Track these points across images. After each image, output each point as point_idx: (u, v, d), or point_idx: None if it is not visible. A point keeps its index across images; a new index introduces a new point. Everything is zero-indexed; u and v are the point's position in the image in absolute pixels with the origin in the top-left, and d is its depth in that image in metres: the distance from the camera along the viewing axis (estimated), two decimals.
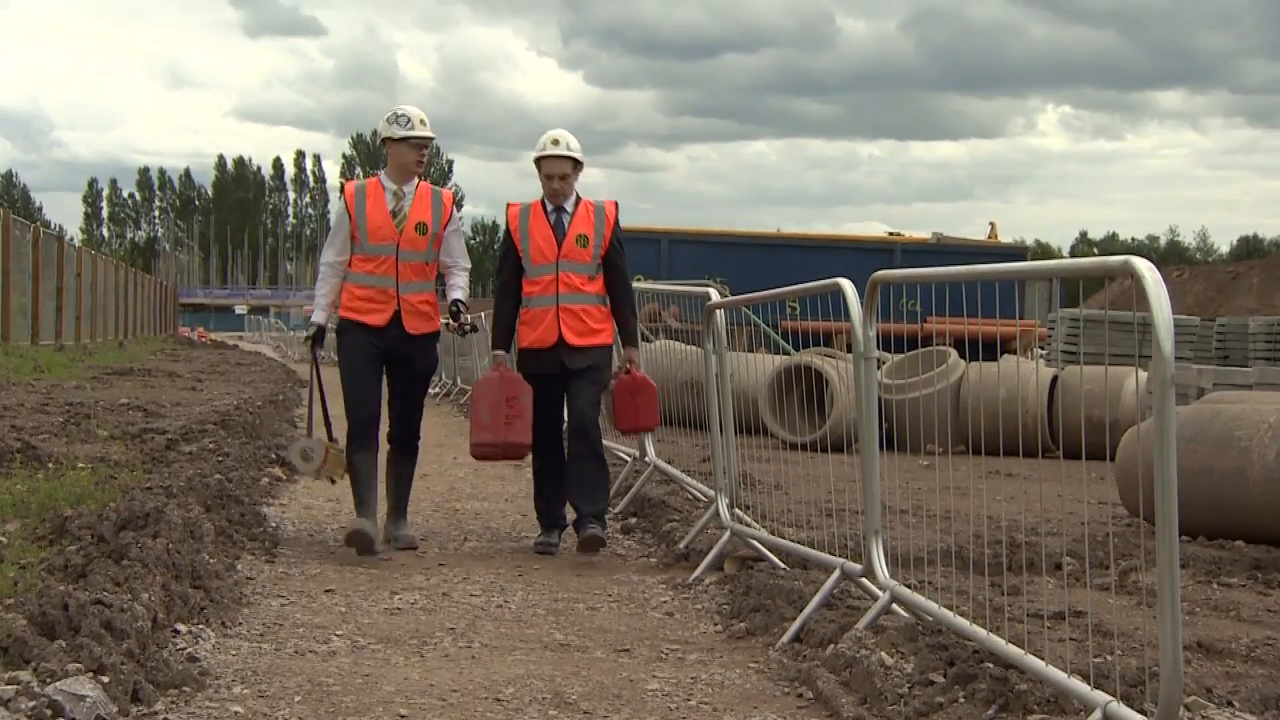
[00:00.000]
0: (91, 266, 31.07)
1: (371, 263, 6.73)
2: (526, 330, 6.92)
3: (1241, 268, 51.21)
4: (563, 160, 6.89)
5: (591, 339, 6.87)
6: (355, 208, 6.78)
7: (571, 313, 6.82)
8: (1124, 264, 3.25)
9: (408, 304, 6.76)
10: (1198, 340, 19.13)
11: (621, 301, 7.01)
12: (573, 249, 6.82)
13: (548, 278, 6.82)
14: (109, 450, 8.86)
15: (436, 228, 6.85)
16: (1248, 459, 7.06)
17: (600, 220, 6.93)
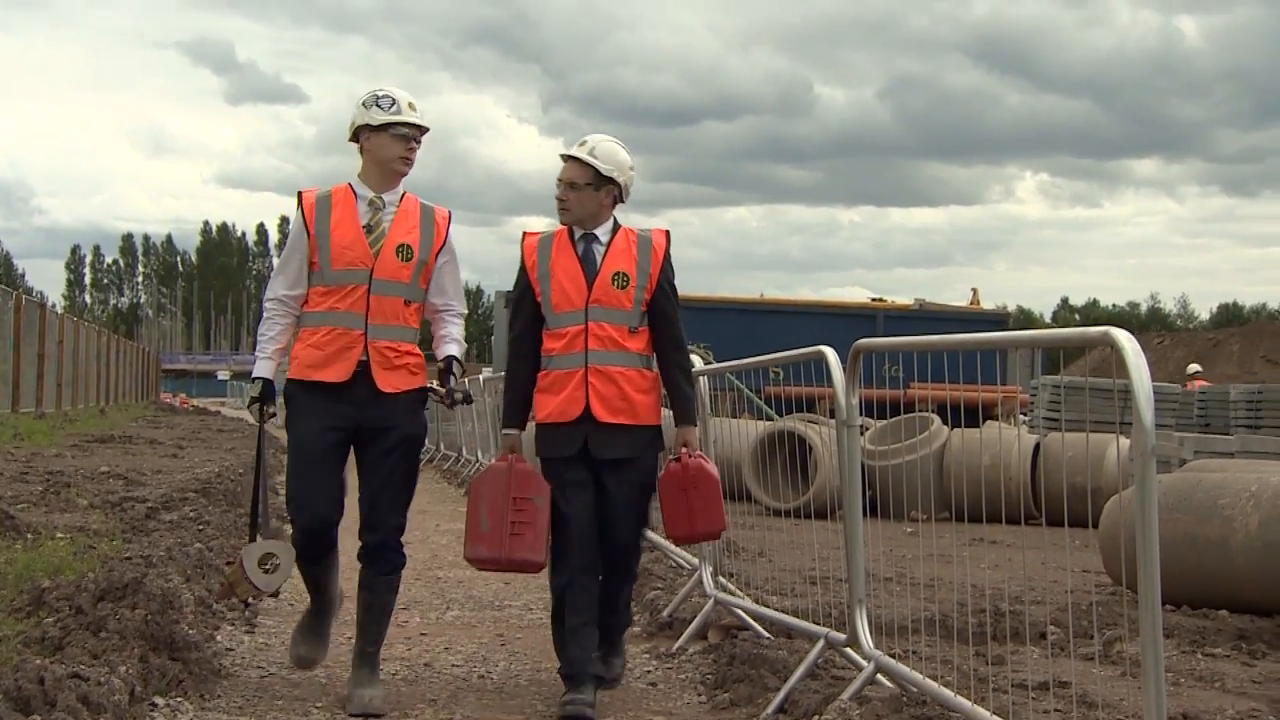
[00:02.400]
0: (73, 333, 30.99)
1: (334, 296, 4.92)
2: (546, 398, 5.02)
3: (1222, 335, 51.55)
4: (578, 166, 5.05)
5: (630, 415, 4.95)
6: (316, 222, 4.97)
7: (605, 377, 4.94)
8: (1104, 335, 3.27)
9: (378, 351, 4.91)
10: (1179, 407, 19.20)
11: (672, 363, 5.10)
12: (607, 291, 4.97)
13: (573, 330, 4.96)
14: (88, 519, 8.79)
15: (425, 254, 5.01)
16: (1230, 528, 7.06)
17: (645, 254, 5.06)
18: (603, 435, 4.94)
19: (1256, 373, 40.72)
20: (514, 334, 5.18)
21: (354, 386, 4.91)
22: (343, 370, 4.90)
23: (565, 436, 4.97)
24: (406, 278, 4.98)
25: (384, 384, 4.93)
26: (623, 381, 4.98)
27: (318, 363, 4.92)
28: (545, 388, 5.05)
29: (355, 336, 4.92)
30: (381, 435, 4.96)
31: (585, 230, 5.07)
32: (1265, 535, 6.91)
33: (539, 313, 5.06)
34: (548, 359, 5.04)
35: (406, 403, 5.00)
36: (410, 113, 5.04)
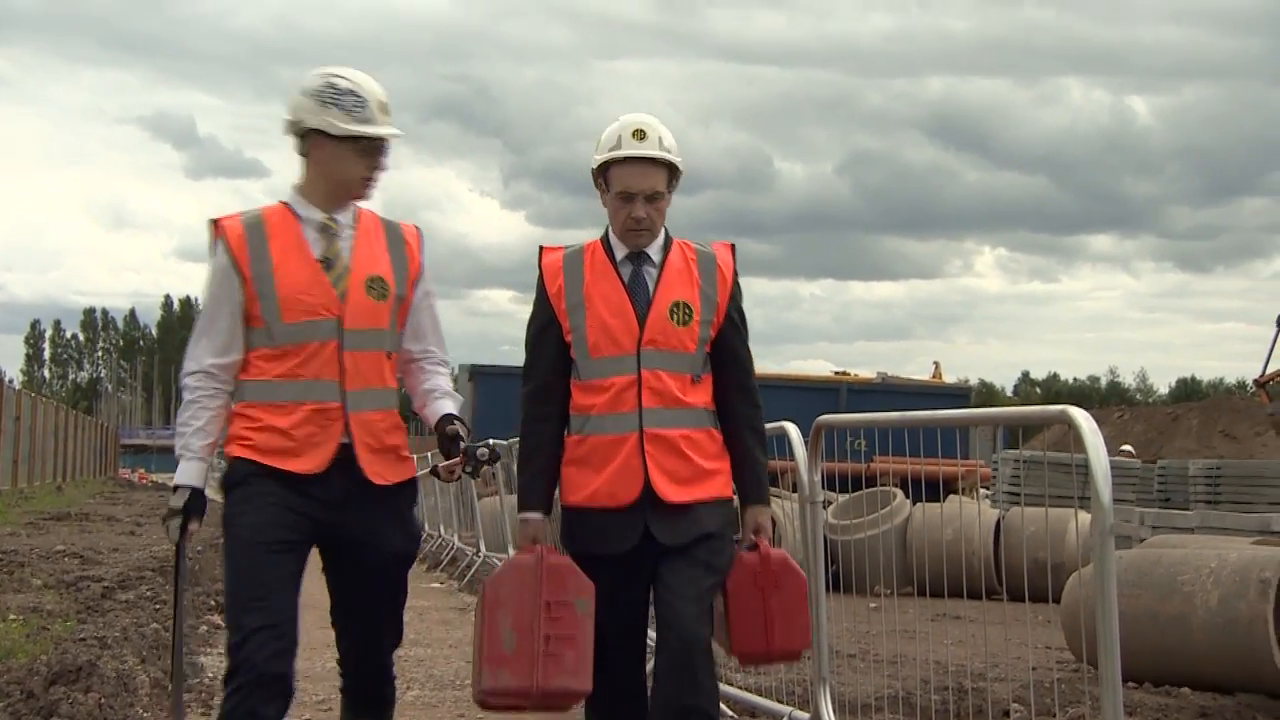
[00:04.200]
0: (31, 409, 30.70)
1: (290, 360, 3.67)
2: (581, 475, 3.79)
3: (1181, 409, 51.98)
4: (652, 166, 3.78)
5: (700, 489, 3.77)
6: (251, 260, 3.67)
7: (666, 445, 3.74)
8: (1061, 413, 3.33)
9: (363, 427, 3.69)
10: (1139, 482, 19.32)
11: (741, 420, 3.87)
12: (665, 328, 3.76)
13: (621, 381, 3.74)
14: (42, 600, 8.65)
15: (402, 287, 3.80)
16: (1191, 605, 7.09)
17: (710, 276, 3.84)
18: (669, 518, 3.71)
19: (1215, 447, 41.03)
20: (531, 386, 3.86)
21: (329, 479, 3.64)
22: (315, 460, 3.64)
23: (616, 526, 3.72)
24: (384, 321, 3.73)
25: (375, 472, 3.68)
26: (688, 448, 3.73)
27: (278, 448, 3.65)
28: (580, 459, 3.77)
29: (332, 413, 3.64)
30: (363, 551, 3.72)
31: (633, 250, 3.81)
32: (1225, 612, 6.93)
33: (567, 357, 3.80)
34: (582, 420, 3.78)
35: (398, 504, 3.78)
36: (382, 119, 3.71)
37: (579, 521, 3.81)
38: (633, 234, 3.77)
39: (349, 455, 3.65)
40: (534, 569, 3.69)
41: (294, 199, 3.76)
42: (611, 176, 3.80)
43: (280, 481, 3.63)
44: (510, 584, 3.73)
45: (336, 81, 3.69)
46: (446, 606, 10.92)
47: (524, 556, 3.74)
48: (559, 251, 3.90)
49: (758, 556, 3.84)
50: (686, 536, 3.72)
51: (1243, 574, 7.01)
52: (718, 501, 3.80)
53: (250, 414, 3.70)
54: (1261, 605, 6.82)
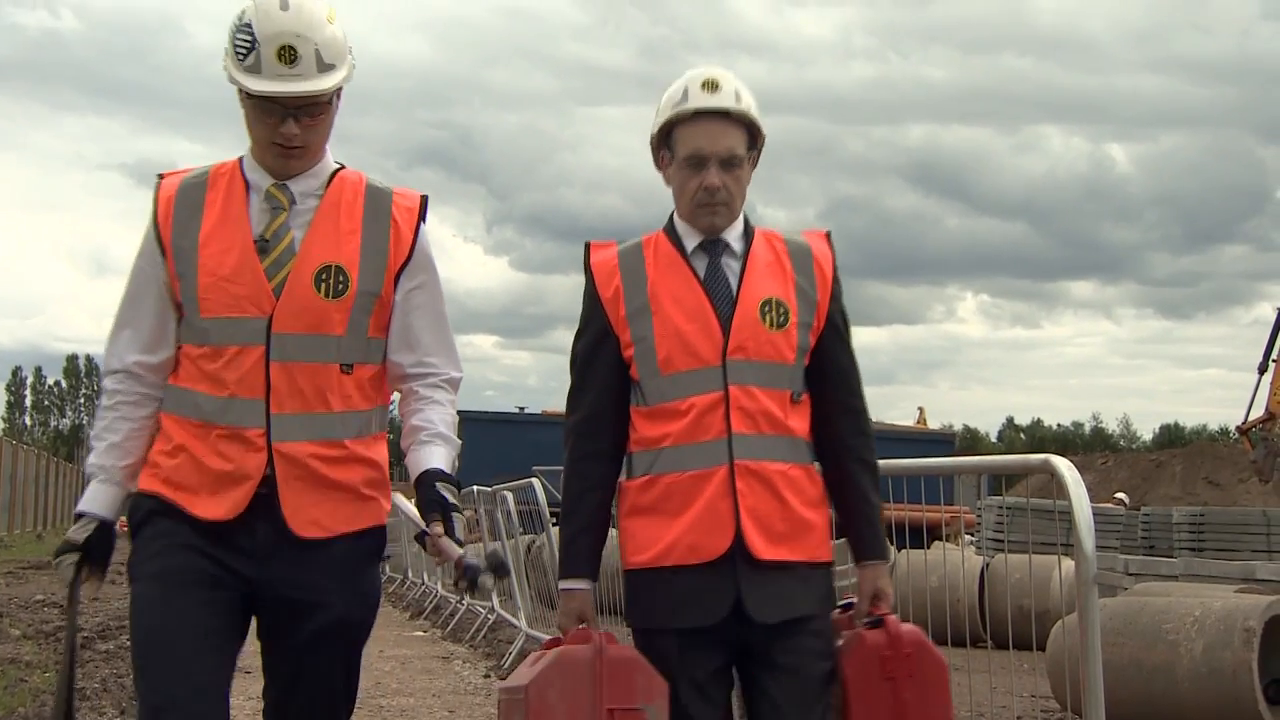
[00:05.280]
0: (11, 457, 30.55)
1: (213, 362, 2.89)
2: (652, 527, 2.98)
3: (1164, 456, 52.16)
4: (727, 123, 3.00)
5: (800, 546, 2.98)
6: (174, 229, 2.93)
7: (760, 481, 2.94)
8: (1044, 462, 3.35)
9: (293, 467, 2.86)
10: (1124, 529, 19.33)
11: (850, 453, 3.09)
12: (756, 332, 2.98)
13: (704, 400, 2.95)
14: (20, 651, 8.59)
15: (373, 281, 2.95)
16: (1175, 653, 7.08)
17: (806, 269, 3.08)
18: (763, 584, 2.90)
19: (1199, 494, 41.15)
20: (579, 416, 3.05)
21: (244, 527, 2.83)
22: (227, 501, 2.83)
23: (699, 591, 2.90)
24: (336, 325, 2.88)
25: (299, 523, 2.84)
26: (786, 489, 2.94)
27: (185, 480, 2.86)
28: (648, 507, 2.96)
29: (252, 441, 2.82)
30: (296, 616, 2.88)
31: (707, 234, 3.04)
32: (1210, 661, 6.93)
33: (625, 378, 3.02)
34: (649, 456, 2.97)
35: (344, 558, 2.91)
36: (281, 68, 2.80)
37: (647, 588, 2.96)
38: (705, 210, 2.98)
39: (268, 500, 2.82)
40: (590, 666, 2.84)
41: (247, 158, 2.96)
42: (677, 139, 3.01)
43: (191, 528, 2.85)
44: (561, 688, 2.84)
45: (245, 9, 2.87)
46: (429, 655, 10.85)
47: (575, 650, 2.87)
48: (611, 247, 3.11)
49: (884, 635, 2.97)
50: (786, 612, 2.91)
51: (1227, 622, 7.01)
52: (819, 566, 3.00)
53: (167, 430, 2.92)
54: (1246, 654, 6.82)
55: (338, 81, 2.87)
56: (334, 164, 3.01)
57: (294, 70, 2.82)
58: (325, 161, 2.98)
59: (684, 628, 2.91)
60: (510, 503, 10.79)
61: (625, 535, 3.04)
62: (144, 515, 2.92)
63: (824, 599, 3.03)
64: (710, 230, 3.03)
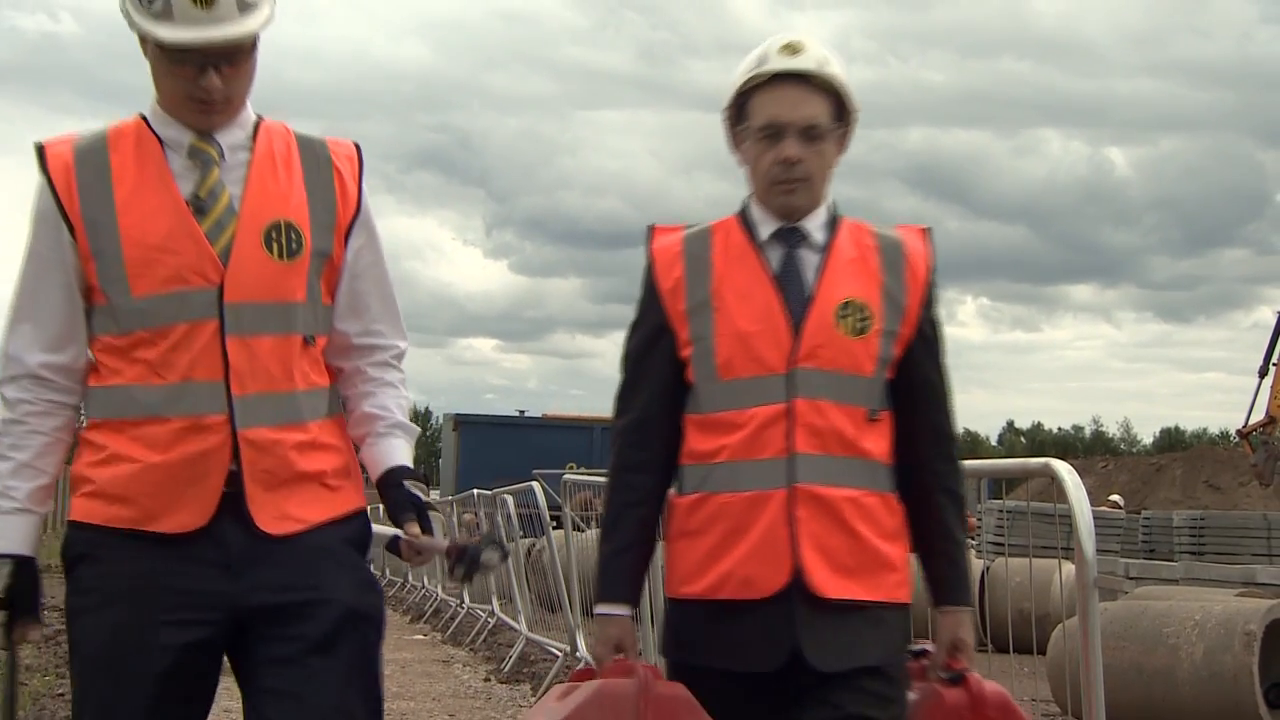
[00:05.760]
0: None
1: (147, 351, 2.47)
2: (700, 553, 2.63)
3: (1164, 459, 52.11)
4: (809, 90, 2.63)
5: (872, 584, 2.60)
6: (82, 199, 2.48)
7: (826, 509, 2.58)
8: (1044, 466, 3.35)
9: (261, 456, 2.48)
10: (1124, 533, 19.34)
11: (936, 480, 2.72)
12: (831, 337, 2.62)
13: (765, 413, 2.60)
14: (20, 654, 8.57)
15: (324, 238, 2.59)
16: (1175, 657, 7.08)
17: (896, 268, 2.71)
18: (825, 626, 2.53)
19: (1199, 498, 41.12)
20: (627, 420, 2.72)
21: (216, 533, 2.44)
22: (194, 507, 2.43)
23: (751, 631, 2.55)
24: (296, 290, 2.52)
25: (268, 519, 2.46)
26: (857, 518, 2.57)
27: (136, 494, 2.44)
28: (697, 529, 2.61)
29: (211, 428, 2.43)
30: (295, 619, 2.45)
31: (785, 221, 2.67)
32: (1211, 665, 6.93)
33: (681, 381, 2.66)
34: (701, 472, 2.63)
35: (330, 545, 2.53)
36: (197, 14, 2.41)
37: (693, 622, 2.62)
38: (781, 188, 2.62)
39: (238, 494, 2.44)
40: (633, 704, 2.48)
41: (154, 112, 2.54)
42: (752, 107, 2.65)
43: (142, 547, 2.42)
44: None
45: None
46: (430, 659, 10.86)
47: (616, 684, 2.51)
48: (677, 232, 2.75)
49: (966, 695, 2.63)
50: (850, 660, 2.53)
51: (1228, 626, 7.01)
52: (896, 608, 2.62)
53: (96, 440, 2.48)
54: (1247, 658, 6.83)
55: (261, 22, 2.48)
56: (254, 114, 2.61)
57: (211, 13, 2.41)
58: (247, 112, 2.58)
59: (734, 668, 2.55)
60: (510, 506, 10.79)
61: (672, 559, 2.66)
62: (78, 551, 2.49)
63: (898, 647, 2.63)
64: (787, 213, 2.65)
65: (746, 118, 2.67)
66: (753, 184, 2.70)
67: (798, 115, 2.61)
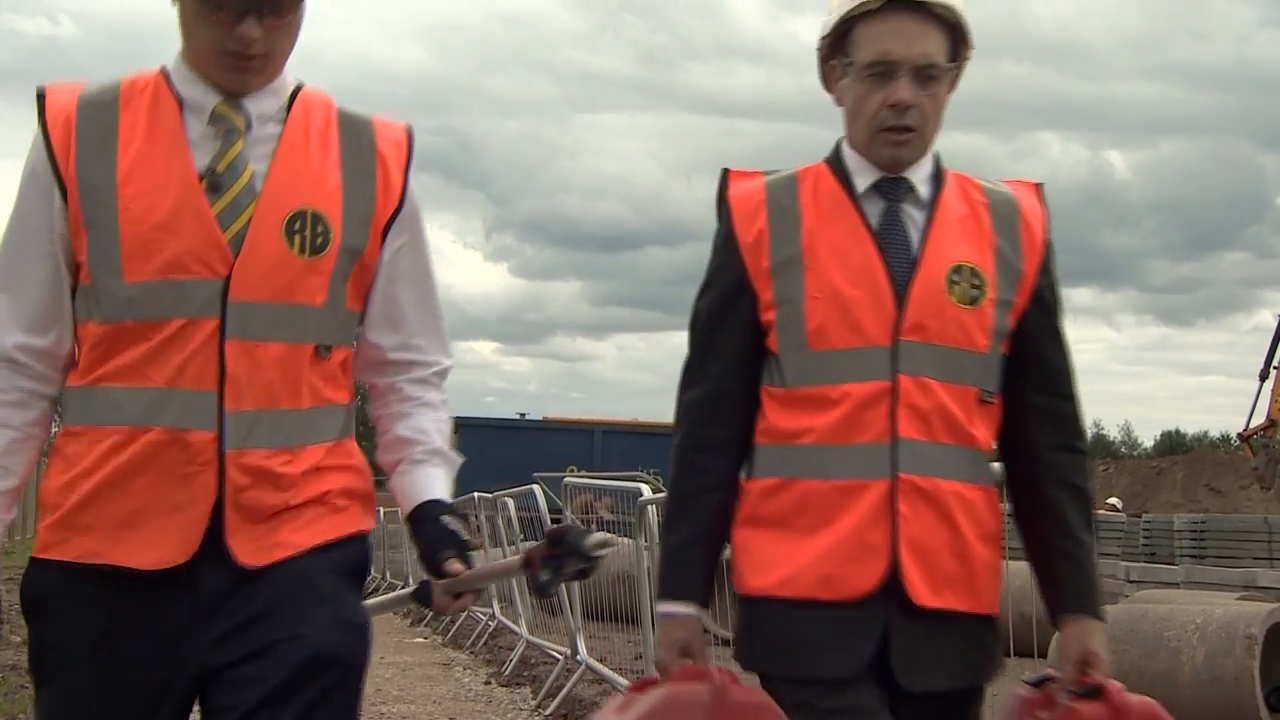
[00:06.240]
0: None
1: (132, 348, 2.08)
2: (777, 545, 2.31)
3: (1165, 463, 52.10)
4: (924, 21, 2.28)
5: (971, 593, 2.31)
6: (80, 157, 2.10)
7: (932, 504, 2.26)
8: None
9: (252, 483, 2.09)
10: (1124, 536, 19.34)
11: (1055, 474, 2.38)
12: (941, 306, 2.29)
13: (864, 390, 2.26)
14: (21, 658, 8.57)
15: (357, 234, 2.19)
16: (1177, 661, 7.08)
17: (1010, 229, 2.38)
18: (918, 638, 2.24)
19: (1200, 501, 41.12)
20: (698, 393, 2.40)
21: (194, 573, 2.07)
22: (170, 541, 2.06)
23: (834, 634, 2.24)
24: (315, 292, 2.15)
25: (251, 552, 2.09)
26: (962, 515, 2.28)
27: (104, 521, 2.08)
28: (774, 518, 2.31)
29: (194, 446, 2.06)
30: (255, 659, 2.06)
31: (887, 171, 2.34)
32: (1212, 669, 6.93)
33: (761, 349, 2.35)
34: (783, 454, 2.31)
35: (310, 573, 2.13)
36: None
37: (763, 621, 2.31)
38: (890, 137, 2.28)
39: (217, 529, 2.07)
40: (707, 712, 2.15)
41: (177, 68, 2.19)
42: (857, 40, 2.30)
43: (107, 594, 2.07)
44: None
45: None
46: (430, 662, 10.86)
47: (688, 690, 2.20)
48: (756, 178, 2.40)
49: (1106, 709, 2.23)
50: (942, 680, 2.26)
51: (1229, 630, 7.01)
52: (987, 622, 2.35)
53: (67, 451, 2.11)
54: (1248, 661, 6.82)
55: None
56: (293, 80, 2.25)
57: None
58: (284, 78, 2.22)
59: (817, 677, 2.23)
60: (511, 509, 10.80)
61: (740, 550, 2.35)
62: (38, 595, 2.15)
63: (990, 668, 2.36)
64: (893, 165, 2.31)
65: (848, 51, 2.31)
66: (851, 128, 2.36)
67: (914, 52, 2.26)
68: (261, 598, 2.09)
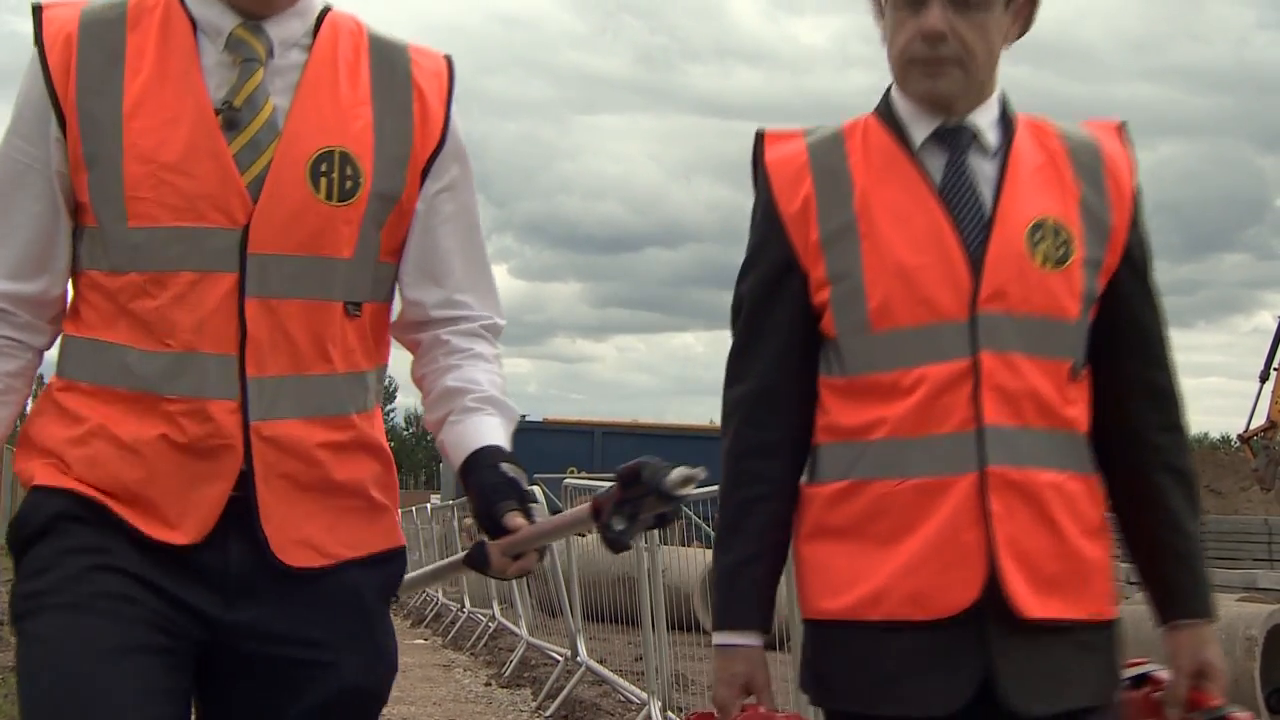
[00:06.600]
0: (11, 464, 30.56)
1: (149, 297, 1.85)
2: (852, 560, 1.98)
3: None
4: None
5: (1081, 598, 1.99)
6: (80, 83, 1.87)
7: (1027, 499, 1.94)
8: None
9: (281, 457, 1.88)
10: None
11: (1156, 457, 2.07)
12: (1023, 269, 1.96)
13: (941, 372, 1.95)
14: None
15: (392, 176, 1.95)
16: None
17: (1094, 176, 2.05)
18: (1027, 654, 1.94)
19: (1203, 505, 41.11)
20: (744, 389, 2.10)
21: (218, 541, 1.87)
22: (193, 517, 1.86)
23: (925, 663, 1.94)
24: (344, 244, 1.93)
25: (285, 545, 1.89)
26: (1060, 510, 1.98)
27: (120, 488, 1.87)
28: (845, 529, 2.00)
29: (217, 417, 1.86)
30: (286, 683, 1.92)
31: (947, 118, 2.05)
32: None
33: (815, 334, 2.07)
34: (852, 453, 2.01)
35: (353, 596, 1.96)
36: None
37: (839, 649, 2.01)
38: (920, 69, 2.00)
39: (244, 508, 1.86)
40: None
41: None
42: None
43: (124, 535, 1.85)
44: None
45: None
46: (430, 663, 10.86)
47: None
48: (796, 138, 2.11)
49: None
50: (1060, 701, 1.95)
51: (1228, 632, 7.00)
52: (1103, 628, 2.05)
53: (70, 407, 1.90)
54: (1248, 663, 6.83)
55: None
56: (319, 1, 1.99)
57: None
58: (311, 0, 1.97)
59: (906, 716, 1.94)
60: None
61: (807, 567, 2.05)
62: (42, 522, 1.86)
63: (1111, 678, 2.06)
64: (932, 100, 2.01)
65: None
66: (893, 63, 2.06)
67: None
68: (295, 610, 1.89)
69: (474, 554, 1.95)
